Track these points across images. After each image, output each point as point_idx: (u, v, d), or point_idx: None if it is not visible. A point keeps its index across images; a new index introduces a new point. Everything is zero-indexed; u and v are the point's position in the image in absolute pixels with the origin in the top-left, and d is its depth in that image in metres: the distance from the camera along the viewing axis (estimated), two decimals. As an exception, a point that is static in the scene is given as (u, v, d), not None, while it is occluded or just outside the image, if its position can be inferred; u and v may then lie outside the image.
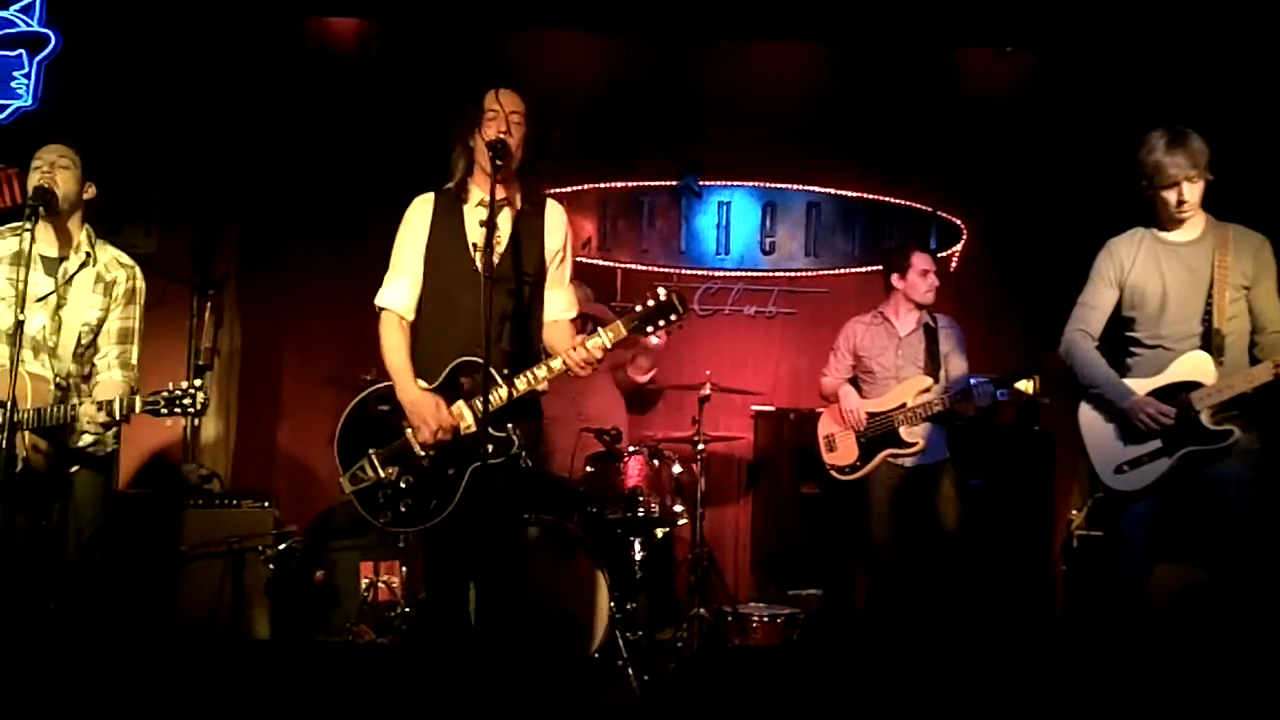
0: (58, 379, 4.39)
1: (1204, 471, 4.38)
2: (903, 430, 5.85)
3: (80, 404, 4.23)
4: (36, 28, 6.78)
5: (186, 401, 4.20)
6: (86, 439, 4.41)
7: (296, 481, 7.27)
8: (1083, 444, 4.63)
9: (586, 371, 4.07)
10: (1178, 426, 4.35)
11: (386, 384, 4.21)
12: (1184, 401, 4.36)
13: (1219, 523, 4.40)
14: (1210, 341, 4.38)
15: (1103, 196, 7.34)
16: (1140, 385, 4.49)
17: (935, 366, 5.89)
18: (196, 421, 6.87)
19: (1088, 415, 4.62)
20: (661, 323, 4.00)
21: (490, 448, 3.93)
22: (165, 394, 4.20)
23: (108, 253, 4.58)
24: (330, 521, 6.66)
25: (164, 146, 7.13)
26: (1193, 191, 4.38)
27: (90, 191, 4.51)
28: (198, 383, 4.25)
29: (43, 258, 4.42)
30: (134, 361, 4.57)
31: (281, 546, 6.12)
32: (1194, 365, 4.39)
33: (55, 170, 4.38)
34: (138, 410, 4.21)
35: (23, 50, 6.78)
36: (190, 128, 7.16)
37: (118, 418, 4.20)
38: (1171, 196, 4.38)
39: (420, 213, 4.27)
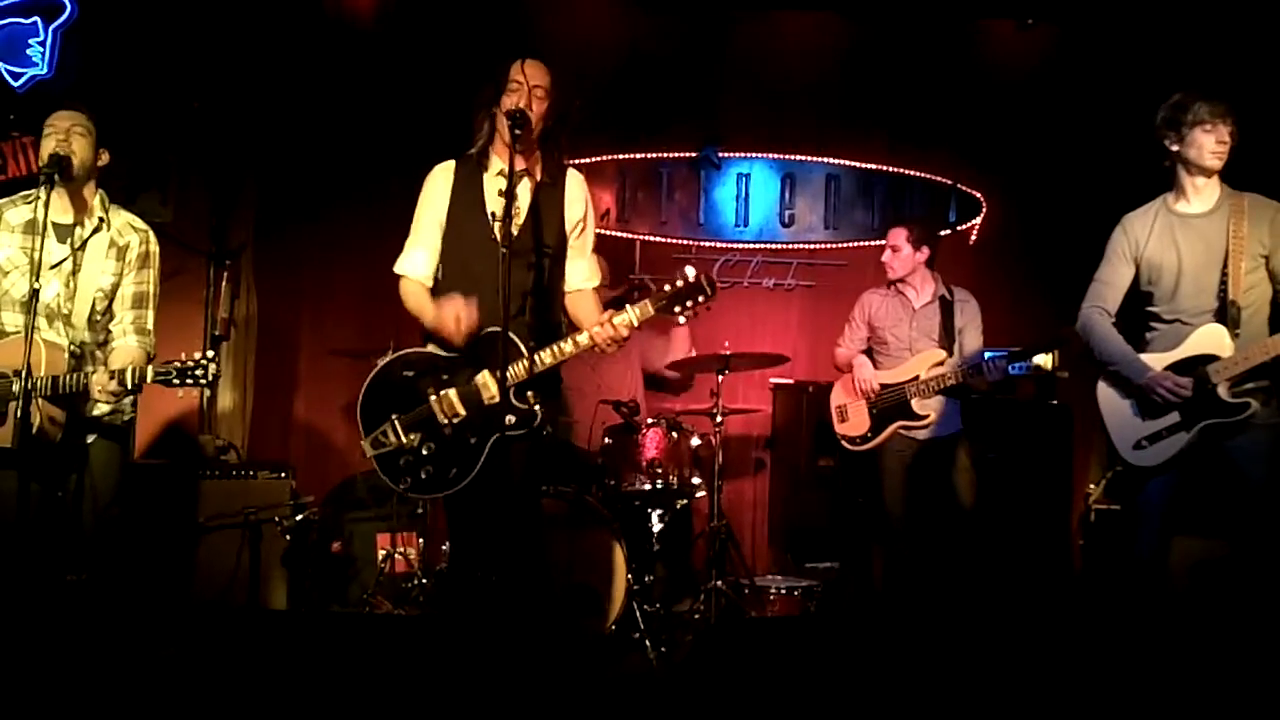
0: (72, 346, 4.37)
1: (1223, 444, 4.38)
2: (915, 403, 5.83)
3: (94, 372, 4.21)
4: (52, -5, 6.76)
5: (199, 373, 4.16)
6: (102, 408, 4.40)
7: (313, 452, 7.28)
8: (1101, 420, 4.65)
9: (613, 349, 4.08)
10: (1195, 400, 4.36)
11: (410, 351, 4.23)
12: (1201, 375, 4.36)
13: (1238, 495, 4.40)
14: (1226, 314, 4.38)
15: (1123, 169, 7.30)
16: (1157, 360, 4.50)
17: (950, 340, 5.87)
18: (208, 392, 6.83)
19: (1105, 392, 4.64)
20: (690, 304, 3.97)
21: (512, 419, 3.94)
22: (177, 365, 4.17)
23: (121, 217, 4.55)
24: (348, 493, 6.69)
25: (181, 115, 7.09)
26: (1225, 137, 4.38)
27: (104, 158, 4.47)
28: (210, 354, 4.20)
29: (56, 225, 4.38)
30: (150, 327, 4.54)
31: (299, 518, 6.12)
32: (1210, 338, 4.40)
33: (71, 137, 4.33)
34: (149, 380, 4.18)
35: (38, 18, 6.75)
36: (207, 96, 7.12)
37: (129, 387, 4.18)
38: (1209, 140, 4.37)
39: (441, 180, 4.28)
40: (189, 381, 4.17)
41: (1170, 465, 4.47)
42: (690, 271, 3.98)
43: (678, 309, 3.98)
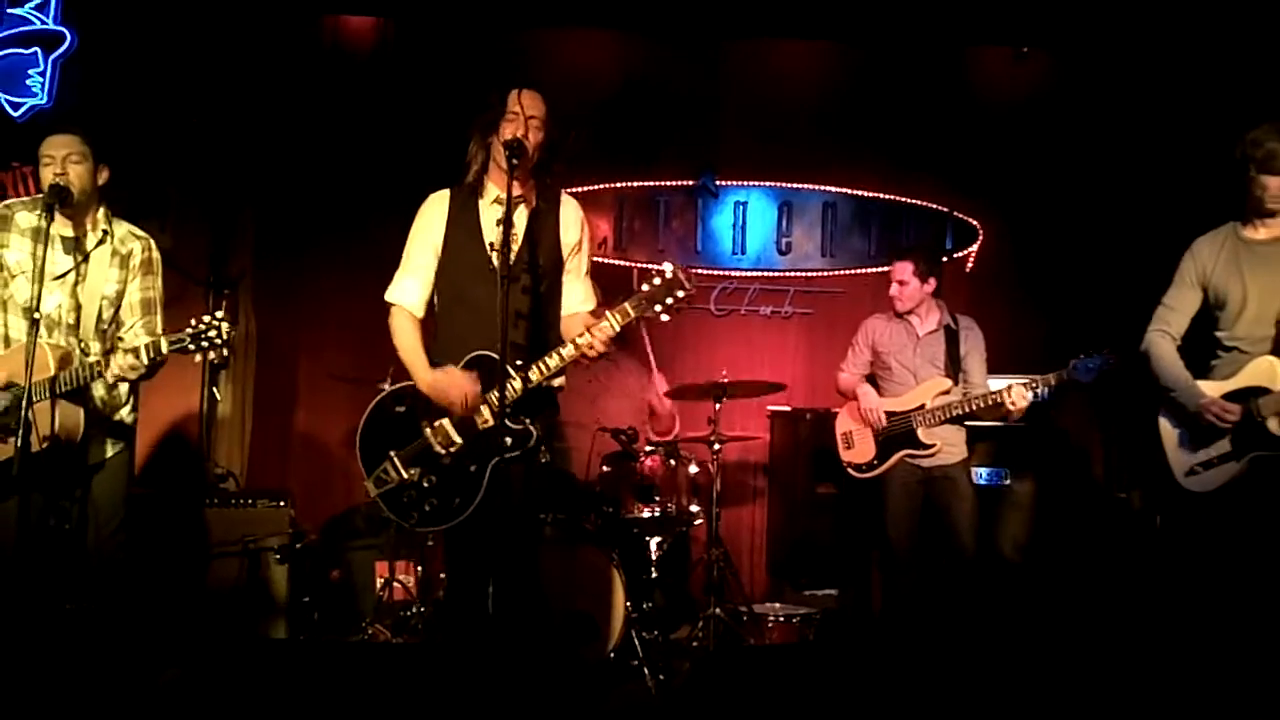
0: (81, 351, 4.37)
1: (1273, 475, 4.39)
2: (920, 432, 5.80)
3: (96, 361, 4.19)
4: (52, 26, 6.79)
5: (213, 334, 4.11)
6: (100, 391, 4.40)
7: (312, 479, 7.28)
8: (1160, 446, 4.67)
9: (593, 353, 4.06)
10: (1246, 431, 4.40)
11: (401, 385, 4.24)
12: (1251, 407, 4.39)
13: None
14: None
15: (1117, 194, 7.36)
16: (1214, 388, 4.53)
17: (955, 368, 5.85)
18: (227, 351, 6.83)
19: (1165, 418, 4.67)
20: (669, 300, 3.98)
21: (509, 440, 3.94)
22: (190, 330, 4.12)
23: (123, 227, 4.57)
24: (346, 521, 6.68)
25: (180, 144, 7.13)
26: None
27: (104, 175, 4.47)
28: (219, 314, 4.15)
29: (61, 237, 4.40)
30: (159, 331, 4.54)
31: (297, 546, 6.12)
32: (1263, 370, 4.42)
33: (67, 166, 4.33)
34: (165, 351, 4.13)
35: (38, 48, 6.78)
36: (206, 125, 7.16)
37: (146, 361, 4.14)
38: (1275, 184, 4.39)
39: (436, 209, 4.29)
40: (204, 344, 4.11)
41: (1221, 493, 4.49)
42: (667, 268, 3.99)
43: (658, 307, 3.98)
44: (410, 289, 4.30)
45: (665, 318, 4.01)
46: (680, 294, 3.98)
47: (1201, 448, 4.52)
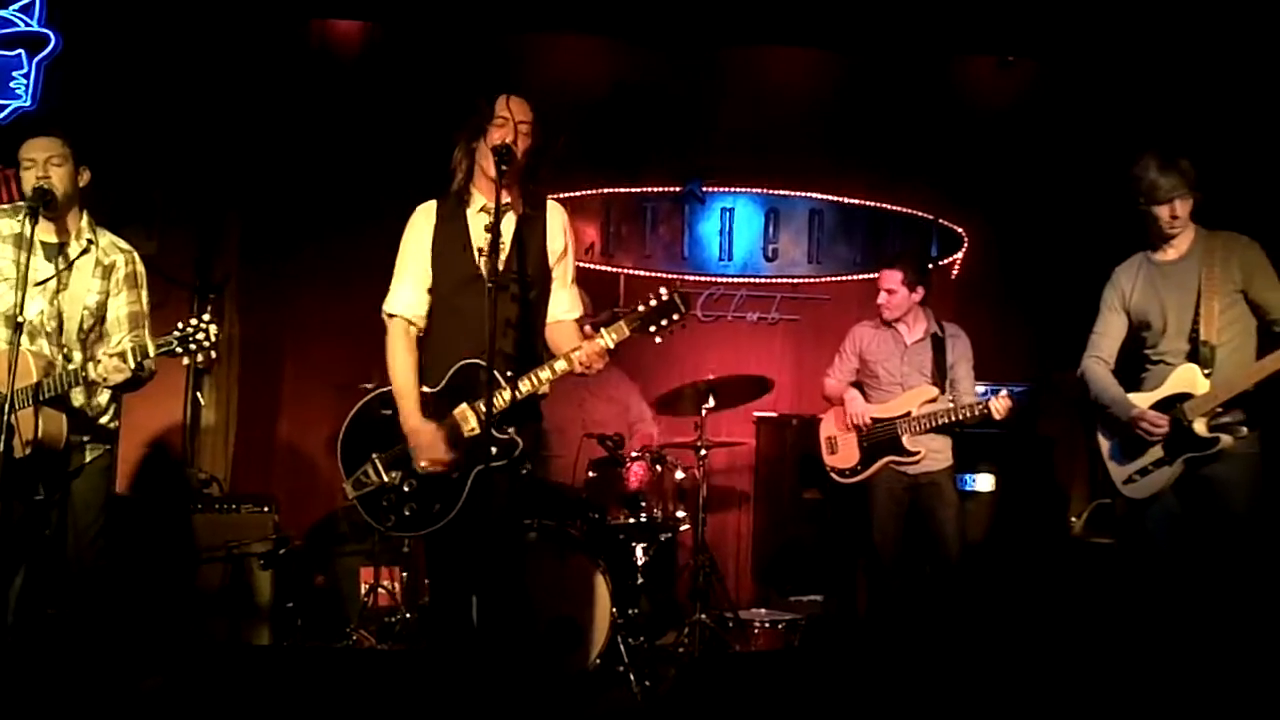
0: (63, 360, 4.35)
1: (1204, 474, 4.58)
2: (905, 439, 5.81)
3: (77, 369, 4.18)
4: (36, 28, 6.75)
5: (200, 337, 4.09)
6: (80, 398, 4.38)
7: (296, 485, 7.24)
8: (1101, 459, 4.87)
9: (591, 372, 4.06)
10: (1176, 436, 4.59)
11: (389, 389, 4.20)
12: (1177, 413, 4.58)
13: (1217, 524, 4.56)
14: (1198, 354, 4.59)
15: (1103, 204, 7.37)
16: (1143, 399, 4.73)
17: (942, 376, 5.86)
18: (215, 354, 6.83)
19: (1103, 432, 4.88)
20: (664, 322, 3.98)
21: (493, 449, 3.92)
22: (177, 334, 4.10)
23: (106, 237, 4.55)
24: (331, 526, 6.66)
25: (165, 148, 7.10)
26: (1184, 208, 4.63)
27: (85, 177, 4.45)
28: (206, 317, 4.13)
29: (43, 243, 4.37)
30: (148, 345, 4.52)
31: (281, 551, 6.08)
32: (1184, 378, 4.63)
33: (49, 169, 4.31)
34: (152, 354, 4.13)
35: (22, 50, 6.75)
36: (192, 129, 7.14)
37: (132, 364, 4.12)
38: (1164, 212, 4.63)
39: (423, 220, 4.26)
40: (192, 347, 4.10)
41: (1160, 497, 4.66)
42: (664, 291, 3.99)
43: (652, 328, 3.98)
44: (408, 297, 4.23)
45: (659, 339, 4.01)
46: (676, 317, 3.99)
47: (1136, 456, 4.72)
